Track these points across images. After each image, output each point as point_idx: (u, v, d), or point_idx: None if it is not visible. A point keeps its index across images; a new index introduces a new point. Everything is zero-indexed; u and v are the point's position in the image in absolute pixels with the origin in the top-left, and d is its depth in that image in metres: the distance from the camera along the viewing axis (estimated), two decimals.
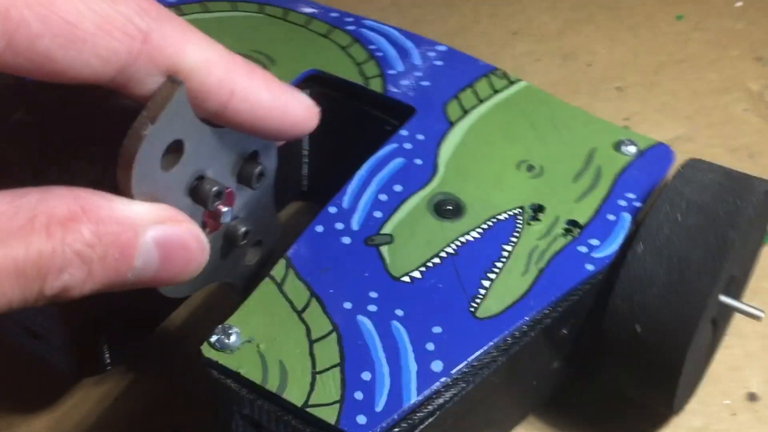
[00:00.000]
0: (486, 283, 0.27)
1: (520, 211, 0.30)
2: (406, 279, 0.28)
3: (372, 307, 0.27)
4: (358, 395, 0.25)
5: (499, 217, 0.29)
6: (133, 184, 0.21)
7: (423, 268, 0.28)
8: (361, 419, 0.24)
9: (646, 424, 0.31)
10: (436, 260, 0.28)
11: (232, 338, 0.26)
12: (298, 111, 0.25)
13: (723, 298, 0.28)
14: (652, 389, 0.29)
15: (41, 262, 0.19)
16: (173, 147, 0.22)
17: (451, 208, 0.30)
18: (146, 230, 0.21)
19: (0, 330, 0.32)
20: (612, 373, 0.29)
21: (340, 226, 0.29)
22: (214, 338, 0.26)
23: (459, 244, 0.29)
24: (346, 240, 0.29)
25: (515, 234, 0.29)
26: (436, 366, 0.25)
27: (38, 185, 0.20)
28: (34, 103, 0.27)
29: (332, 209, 0.29)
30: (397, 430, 0.25)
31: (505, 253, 0.28)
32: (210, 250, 0.25)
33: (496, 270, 0.28)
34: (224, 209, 0.25)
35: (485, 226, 0.29)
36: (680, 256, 0.27)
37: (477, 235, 0.29)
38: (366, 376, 0.25)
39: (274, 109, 0.24)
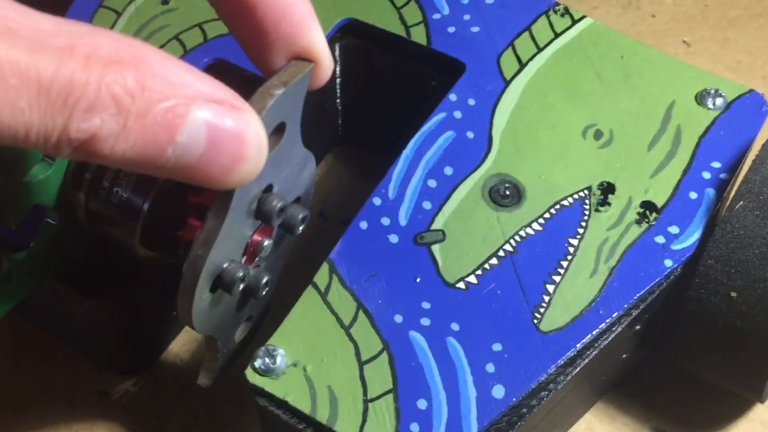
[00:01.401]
0: (550, 288, 0.25)
1: (587, 193, 0.26)
2: (461, 285, 0.25)
3: (425, 321, 0.25)
4: (414, 427, 0.23)
5: (563, 202, 0.26)
6: None
7: (479, 272, 0.25)
8: None
9: (716, 413, 0.28)
10: (494, 261, 0.25)
11: (277, 360, 0.24)
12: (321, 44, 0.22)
13: None
14: (742, 369, 0.26)
15: (71, 90, 0.16)
16: (276, 130, 0.21)
17: (508, 193, 0.26)
18: (200, 105, 0.18)
19: (45, 328, 0.31)
20: (693, 350, 0.26)
21: (386, 221, 0.26)
22: (257, 362, 0.24)
23: (518, 239, 0.26)
24: (394, 238, 0.26)
25: (582, 224, 0.26)
26: (498, 392, 0.23)
27: None
28: None
29: (377, 200, 0.27)
30: None
31: (571, 249, 0.25)
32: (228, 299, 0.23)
33: (561, 271, 0.25)
34: (266, 242, 0.23)
35: (547, 215, 0.26)
36: None
37: (539, 227, 0.26)
38: (422, 404, 0.23)
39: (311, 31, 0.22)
